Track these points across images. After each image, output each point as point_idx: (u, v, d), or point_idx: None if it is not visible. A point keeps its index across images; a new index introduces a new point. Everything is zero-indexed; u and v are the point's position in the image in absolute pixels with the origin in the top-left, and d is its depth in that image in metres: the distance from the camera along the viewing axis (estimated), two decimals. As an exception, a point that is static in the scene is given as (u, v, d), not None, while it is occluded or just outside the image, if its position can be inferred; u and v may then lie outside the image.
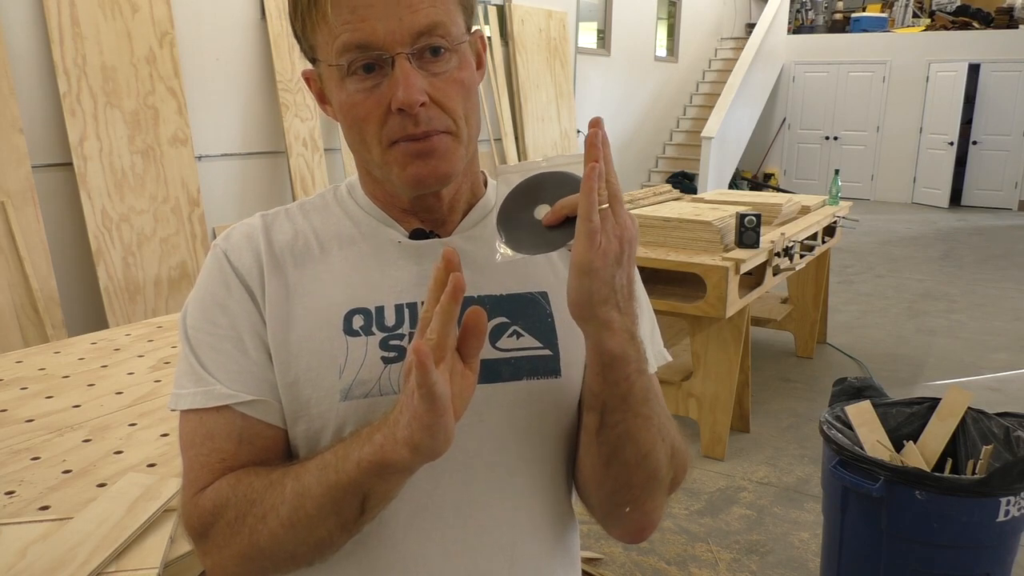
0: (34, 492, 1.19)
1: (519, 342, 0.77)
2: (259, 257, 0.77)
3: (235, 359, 0.74)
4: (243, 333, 0.75)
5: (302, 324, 0.75)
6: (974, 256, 7.27)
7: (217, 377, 0.73)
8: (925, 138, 10.65)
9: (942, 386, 3.77)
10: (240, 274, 0.77)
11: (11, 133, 3.48)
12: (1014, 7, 10.68)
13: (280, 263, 0.77)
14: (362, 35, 0.68)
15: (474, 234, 0.81)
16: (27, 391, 1.62)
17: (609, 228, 0.63)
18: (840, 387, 2.18)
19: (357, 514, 0.67)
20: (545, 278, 0.80)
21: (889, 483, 1.79)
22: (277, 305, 0.76)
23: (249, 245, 0.78)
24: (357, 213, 0.82)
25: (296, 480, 0.68)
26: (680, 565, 2.37)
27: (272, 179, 4.95)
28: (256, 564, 0.70)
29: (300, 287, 0.77)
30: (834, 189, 4.36)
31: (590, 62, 8.50)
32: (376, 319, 0.75)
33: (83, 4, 3.77)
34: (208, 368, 0.74)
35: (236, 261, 0.77)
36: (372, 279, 0.77)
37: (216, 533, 0.71)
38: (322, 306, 0.75)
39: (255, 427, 0.74)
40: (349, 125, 0.74)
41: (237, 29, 4.62)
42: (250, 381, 0.74)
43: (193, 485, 0.73)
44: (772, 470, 2.99)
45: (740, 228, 2.99)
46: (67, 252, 3.83)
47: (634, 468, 0.74)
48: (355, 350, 0.74)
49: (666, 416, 0.77)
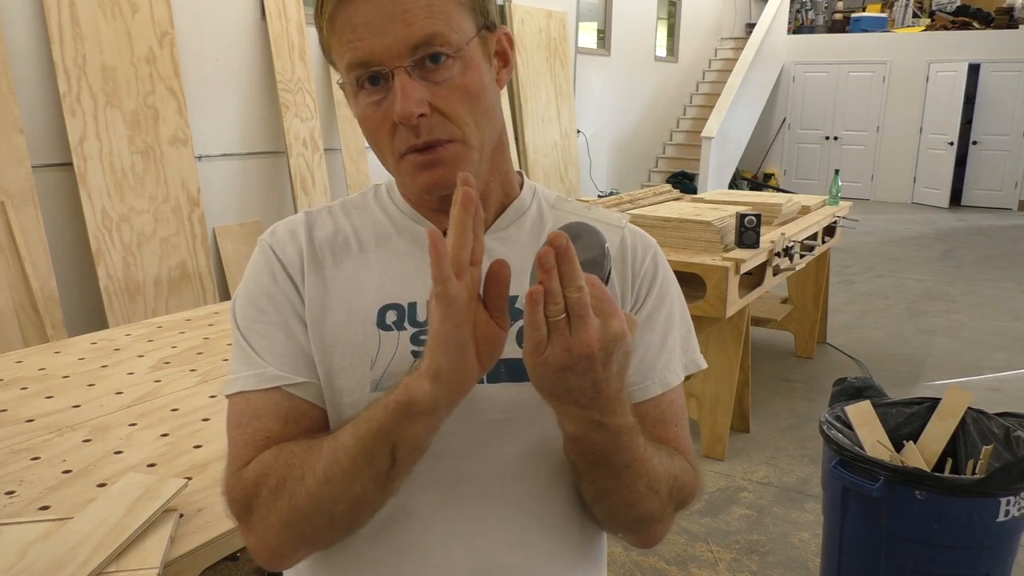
0: (34, 492, 1.19)
1: None
2: (301, 251, 0.81)
3: (283, 343, 0.78)
4: (290, 319, 0.79)
5: (338, 316, 0.78)
6: (974, 256, 7.27)
7: (267, 360, 0.77)
8: (925, 138, 10.65)
9: (942, 386, 3.77)
10: (284, 265, 0.81)
11: (11, 133, 3.48)
12: (1014, 7, 10.68)
13: (320, 258, 0.81)
14: (362, 53, 0.70)
15: (507, 235, 0.82)
16: (27, 391, 1.62)
17: (558, 341, 0.61)
18: (840, 387, 2.18)
19: (388, 465, 0.67)
20: None
21: (889, 483, 1.79)
22: (315, 297, 0.79)
23: (292, 240, 0.82)
24: (393, 212, 0.84)
25: (332, 439, 0.70)
26: (680, 565, 2.37)
27: (272, 179, 4.95)
28: (296, 530, 0.71)
29: (338, 281, 0.80)
30: (834, 189, 4.36)
31: (590, 62, 8.50)
32: (408, 314, 0.78)
33: (83, 4, 3.77)
34: (259, 352, 0.77)
35: (280, 253, 0.81)
36: (406, 276, 0.80)
37: (258, 504, 0.72)
38: (358, 300, 0.79)
39: (301, 407, 0.77)
40: (366, 136, 0.77)
41: (237, 29, 4.62)
42: (299, 363, 0.77)
43: (236, 462, 0.76)
44: (772, 470, 2.99)
45: (740, 228, 2.99)
46: (67, 252, 3.83)
47: (621, 512, 0.76)
48: (387, 343, 0.77)
49: (663, 464, 0.76)
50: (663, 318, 0.84)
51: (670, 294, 0.85)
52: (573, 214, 0.83)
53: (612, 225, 0.82)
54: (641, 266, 0.84)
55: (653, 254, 0.86)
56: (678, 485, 0.79)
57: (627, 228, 0.85)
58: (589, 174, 8.49)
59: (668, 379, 0.82)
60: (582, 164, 8.20)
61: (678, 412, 0.84)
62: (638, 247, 0.85)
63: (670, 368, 0.83)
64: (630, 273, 0.84)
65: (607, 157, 9.04)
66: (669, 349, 0.83)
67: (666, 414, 0.83)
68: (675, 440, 0.83)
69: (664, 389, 0.82)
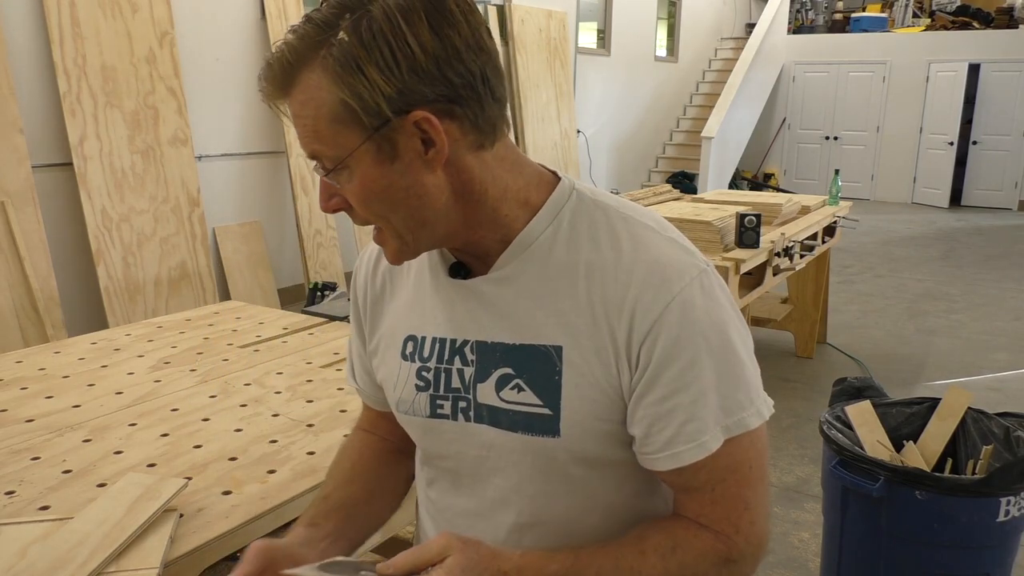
0: (34, 492, 1.19)
1: (520, 396, 0.79)
2: (367, 280, 0.93)
3: (360, 357, 0.98)
4: (362, 338, 0.96)
5: (382, 340, 0.91)
6: (974, 256, 7.27)
7: (353, 369, 1.01)
8: (925, 138, 10.65)
9: (942, 386, 3.77)
10: (356, 293, 0.96)
11: (11, 133, 3.48)
12: (1014, 7, 10.67)
13: (379, 287, 0.92)
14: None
15: (504, 274, 0.79)
16: (27, 391, 1.62)
17: None
18: (840, 387, 2.18)
19: None
20: (561, 332, 0.77)
21: (889, 483, 1.79)
22: (371, 322, 0.93)
23: (364, 268, 0.94)
24: None
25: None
26: (680, 565, 2.37)
27: (272, 179, 4.95)
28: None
29: (389, 307, 0.90)
30: (834, 189, 4.36)
31: (590, 62, 8.50)
32: (418, 348, 0.86)
33: (83, 4, 3.77)
34: (351, 360, 1.01)
35: (356, 281, 0.96)
36: (424, 309, 0.86)
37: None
38: (395, 328, 0.89)
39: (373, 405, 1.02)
40: None
41: (237, 29, 4.62)
42: (364, 375, 0.99)
43: (356, 422, 1.06)
44: (772, 470, 2.99)
45: (740, 228, 2.99)
46: (67, 252, 3.83)
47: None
48: (403, 372, 0.87)
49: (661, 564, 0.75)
50: (671, 381, 0.74)
51: (687, 350, 0.73)
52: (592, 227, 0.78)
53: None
54: (644, 319, 0.74)
55: (666, 304, 0.73)
56: (681, 564, 0.76)
57: (645, 265, 0.76)
58: (589, 174, 8.49)
59: (681, 454, 0.74)
60: (582, 164, 8.20)
61: (711, 479, 0.76)
62: (647, 294, 0.74)
63: (693, 439, 0.74)
64: (631, 326, 0.74)
65: (607, 157, 9.04)
66: (681, 418, 0.74)
67: (691, 483, 0.77)
68: (706, 508, 0.77)
69: (677, 464, 0.75)
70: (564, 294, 0.77)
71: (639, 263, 0.75)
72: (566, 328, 0.77)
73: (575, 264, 0.77)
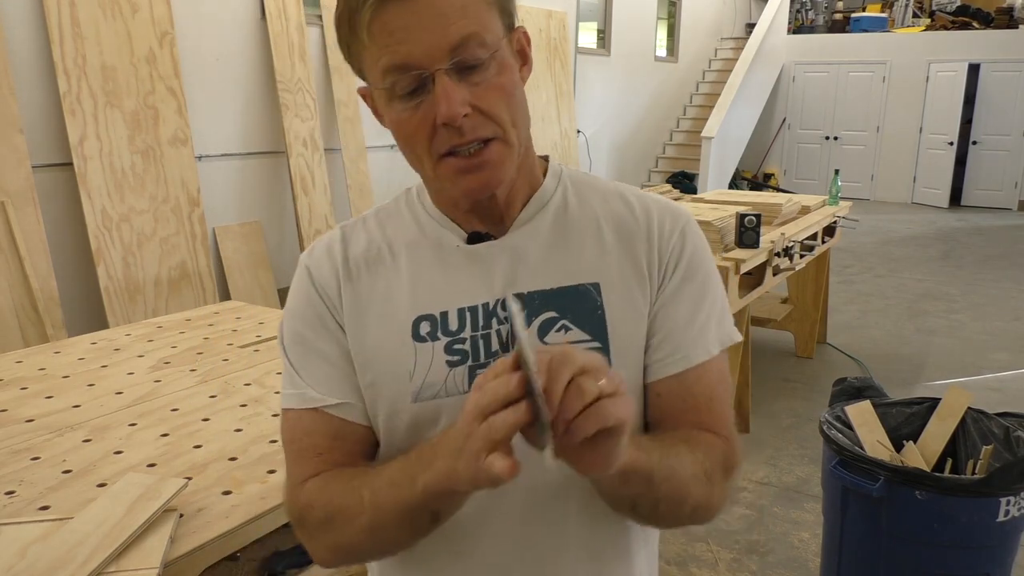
0: (34, 492, 1.19)
1: (568, 336, 0.79)
2: (336, 270, 0.83)
3: (321, 368, 0.82)
4: (328, 345, 0.82)
5: (376, 331, 0.81)
6: (974, 256, 7.27)
7: (308, 383, 0.81)
8: (925, 138, 10.65)
9: (942, 386, 3.77)
10: (320, 289, 0.83)
11: (11, 133, 3.48)
12: (1014, 7, 10.67)
13: (354, 274, 0.83)
14: (401, 56, 0.70)
15: (528, 229, 0.82)
16: (27, 391, 1.62)
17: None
18: (840, 387, 2.18)
19: (430, 524, 0.74)
20: (595, 271, 0.81)
21: (889, 483, 1.79)
22: (353, 314, 0.82)
23: (328, 259, 0.84)
24: (423, 217, 0.85)
25: (372, 494, 0.74)
26: (680, 565, 2.37)
27: (272, 179, 4.95)
28: (346, 556, 0.80)
29: (374, 296, 0.82)
30: (834, 189, 4.36)
31: (590, 62, 8.50)
32: (441, 324, 0.80)
33: (83, 4, 3.77)
34: (301, 375, 0.82)
35: (317, 276, 0.83)
36: (436, 285, 0.81)
37: (309, 527, 0.80)
38: (393, 313, 0.81)
39: (345, 427, 0.81)
40: (401, 142, 0.77)
41: (237, 29, 4.62)
42: (336, 386, 0.81)
43: (294, 477, 0.82)
44: (772, 470, 2.99)
45: (740, 228, 2.99)
46: (67, 252, 3.83)
47: (673, 514, 0.78)
48: (423, 355, 0.79)
49: (683, 459, 0.76)
50: (691, 293, 0.82)
51: (702, 268, 0.83)
52: (594, 190, 0.85)
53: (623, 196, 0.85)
54: (668, 242, 0.83)
55: (682, 227, 0.84)
56: (712, 462, 0.79)
57: (654, 201, 0.86)
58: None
59: (692, 356, 0.81)
60: (582, 164, 8.20)
61: (708, 388, 0.82)
62: (665, 222, 0.84)
63: (698, 344, 0.81)
64: (656, 251, 0.82)
65: (607, 157, 9.04)
66: (699, 325, 0.82)
67: (693, 389, 0.81)
68: (703, 416, 0.81)
69: (688, 366, 0.81)
70: (589, 240, 0.82)
71: (649, 204, 0.85)
72: (598, 267, 0.81)
73: (592, 216, 0.84)
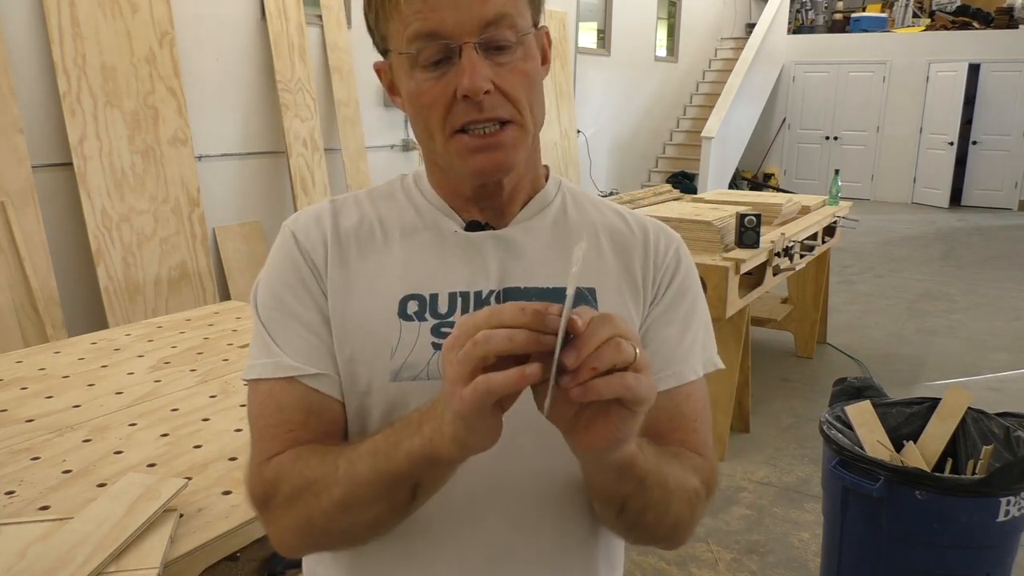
0: (34, 492, 1.19)
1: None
2: (325, 239, 0.80)
3: (301, 335, 0.77)
4: (309, 311, 0.78)
5: (360, 305, 0.78)
6: (974, 256, 7.27)
7: (285, 350, 0.77)
8: (925, 138, 10.65)
9: (942, 386, 3.77)
10: (306, 254, 0.80)
11: (11, 133, 3.48)
12: (1014, 7, 10.67)
13: (344, 247, 0.81)
14: (432, 24, 0.70)
15: (530, 226, 0.83)
16: (27, 391, 1.62)
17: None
18: (840, 387, 2.18)
19: (408, 499, 0.69)
20: (591, 276, 0.82)
21: (889, 483, 1.79)
22: (338, 287, 0.79)
23: (317, 226, 0.81)
24: (421, 202, 0.84)
25: (349, 464, 0.70)
26: (680, 565, 2.37)
27: (272, 179, 4.95)
28: (311, 538, 0.74)
29: (362, 271, 0.80)
30: (834, 189, 4.36)
31: (590, 62, 8.50)
32: (430, 306, 0.78)
33: (83, 4, 3.77)
34: (277, 341, 0.77)
35: (303, 241, 0.80)
36: (429, 267, 0.80)
37: (275, 505, 0.74)
38: (380, 290, 0.79)
39: (322, 400, 0.77)
40: (416, 113, 0.76)
41: (237, 29, 4.62)
42: (315, 356, 0.77)
43: (260, 454, 0.76)
44: (772, 470, 2.99)
45: (740, 228, 2.99)
46: (67, 252, 3.83)
47: (656, 526, 0.75)
48: (407, 334, 0.77)
49: (673, 468, 0.76)
50: (683, 312, 0.83)
51: (692, 289, 0.85)
52: (590, 202, 0.88)
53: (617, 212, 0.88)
54: (663, 258, 0.85)
55: (676, 247, 0.86)
56: (699, 482, 0.78)
57: (650, 220, 0.88)
58: (589, 174, 8.49)
59: (683, 373, 0.81)
60: (582, 164, 8.19)
61: (695, 408, 0.82)
62: (661, 239, 0.86)
63: (687, 363, 0.82)
64: (652, 265, 0.84)
65: (607, 157, 9.04)
66: (688, 344, 0.83)
67: (682, 408, 0.81)
68: (689, 436, 0.81)
69: (679, 383, 0.81)
70: (587, 245, 0.82)
71: (644, 221, 0.88)
72: (594, 272, 0.82)
73: (590, 223, 0.86)
